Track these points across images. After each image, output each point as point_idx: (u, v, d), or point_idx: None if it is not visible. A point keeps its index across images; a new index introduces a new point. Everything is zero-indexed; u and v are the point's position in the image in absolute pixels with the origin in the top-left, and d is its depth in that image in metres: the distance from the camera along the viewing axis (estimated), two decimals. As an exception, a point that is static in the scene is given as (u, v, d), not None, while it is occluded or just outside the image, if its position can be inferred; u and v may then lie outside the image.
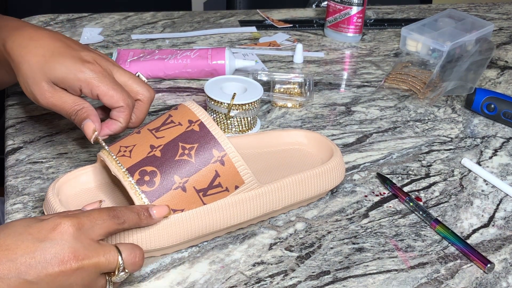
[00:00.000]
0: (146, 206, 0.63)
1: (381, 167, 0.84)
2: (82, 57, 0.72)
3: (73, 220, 0.56)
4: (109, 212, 0.59)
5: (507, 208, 0.78)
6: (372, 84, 1.04)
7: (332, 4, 1.16)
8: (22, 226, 0.56)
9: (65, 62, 0.71)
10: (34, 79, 0.71)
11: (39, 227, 0.56)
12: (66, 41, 0.74)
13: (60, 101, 0.72)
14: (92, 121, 0.71)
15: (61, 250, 0.55)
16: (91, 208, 0.63)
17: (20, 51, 0.72)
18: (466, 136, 0.92)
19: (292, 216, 0.75)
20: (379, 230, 0.73)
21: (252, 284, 0.65)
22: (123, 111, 0.72)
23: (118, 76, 0.74)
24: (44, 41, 0.72)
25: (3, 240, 0.55)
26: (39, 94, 0.72)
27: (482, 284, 0.67)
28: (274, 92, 0.97)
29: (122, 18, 1.21)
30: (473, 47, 1.08)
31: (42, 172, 0.78)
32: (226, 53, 0.99)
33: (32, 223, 0.56)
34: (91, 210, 0.59)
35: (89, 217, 0.58)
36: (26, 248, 0.54)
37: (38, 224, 0.56)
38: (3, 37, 0.74)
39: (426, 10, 1.36)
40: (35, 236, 0.55)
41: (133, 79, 0.74)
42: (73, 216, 0.57)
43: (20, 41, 0.73)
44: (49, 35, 0.74)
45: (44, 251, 0.54)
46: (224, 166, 0.67)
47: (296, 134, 0.81)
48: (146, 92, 0.74)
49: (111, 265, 0.57)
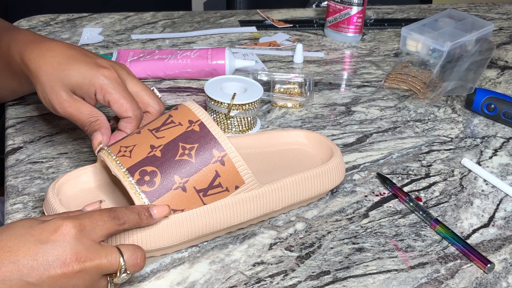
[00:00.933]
0: (146, 206, 0.64)
1: (381, 167, 0.84)
2: (98, 63, 0.73)
3: (74, 222, 0.56)
4: (110, 213, 0.59)
5: (507, 208, 0.78)
6: (372, 84, 1.04)
7: (332, 4, 1.16)
8: (23, 227, 0.56)
9: (81, 68, 0.72)
10: (52, 88, 0.72)
11: (41, 228, 0.56)
12: (81, 50, 0.75)
13: (77, 112, 0.73)
14: (101, 134, 0.72)
15: (63, 252, 0.55)
16: (91, 208, 0.63)
17: (37, 61, 0.73)
18: (466, 136, 0.92)
19: (292, 216, 0.75)
20: (379, 230, 0.73)
21: (252, 284, 0.65)
22: (131, 122, 0.72)
23: (131, 86, 0.74)
24: (60, 51, 0.74)
25: (4, 242, 0.55)
26: (57, 103, 0.72)
27: (482, 284, 0.67)
28: (274, 92, 0.97)
29: (122, 18, 1.21)
30: (473, 47, 1.08)
31: (42, 172, 0.78)
32: (226, 53, 0.99)
33: (34, 225, 0.56)
34: (92, 211, 0.59)
35: (91, 218, 0.58)
36: (28, 250, 0.54)
37: (39, 226, 0.56)
38: (20, 50, 0.75)
39: (426, 10, 1.36)
40: (37, 238, 0.55)
41: (145, 90, 0.75)
42: (74, 217, 0.57)
43: (37, 52, 0.74)
44: (65, 45, 0.75)
45: (46, 253, 0.54)
46: (224, 166, 0.67)
47: (296, 134, 0.81)
48: (156, 105, 0.75)
49: (113, 266, 0.57)
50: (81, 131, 0.86)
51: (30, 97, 0.92)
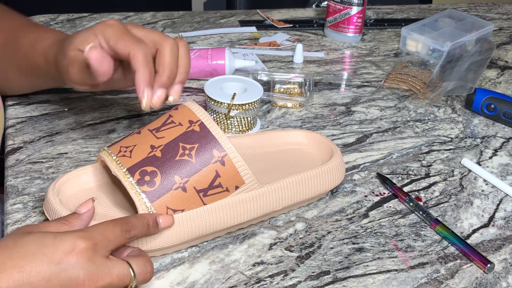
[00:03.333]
0: (154, 215, 0.63)
1: (381, 167, 0.84)
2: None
3: (88, 242, 0.55)
4: (122, 227, 0.59)
5: (507, 208, 0.78)
6: (372, 84, 1.04)
7: (332, 4, 1.16)
8: (35, 243, 0.55)
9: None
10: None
11: (54, 247, 0.55)
12: None
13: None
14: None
15: (76, 275, 0.54)
16: (85, 209, 0.62)
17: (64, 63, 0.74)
18: (466, 136, 0.92)
19: (292, 216, 0.75)
20: (379, 230, 0.73)
21: (252, 284, 0.65)
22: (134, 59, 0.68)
23: (136, 31, 0.71)
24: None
25: (16, 261, 0.54)
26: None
27: (482, 284, 0.67)
28: (274, 92, 0.97)
29: (122, 18, 1.21)
30: (473, 47, 1.08)
31: (42, 172, 0.78)
32: (226, 53, 0.99)
33: (47, 241, 0.55)
34: (105, 225, 0.58)
35: (104, 235, 0.57)
36: (40, 271, 0.54)
37: (52, 243, 0.55)
38: (46, 52, 0.77)
39: (426, 10, 1.36)
40: (50, 258, 0.54)
41: (152, 31, 0.72)
42: (88, 236, 0.56)
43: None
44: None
45: (59, 275, 0.54)
46: (225, 166, 0.67)
47: (296, 134, 0.81)
48: (162, 40, 0.70)
49: (124, 283, 0.57)
50: (81, 131, 0.86)
51: (30, 97, 0.92)
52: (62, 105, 0.91)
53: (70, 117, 0.89)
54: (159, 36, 0.71)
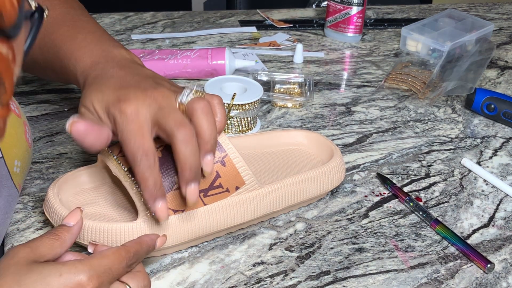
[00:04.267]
0: (154, 238, 0.61)
1: (381, 167, 0.84)
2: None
3: (94, 282, 0.54)
4: (128, 261, 0.58)
5: (507, 208, 0.78)
6: (372, 84, 1.04)
7: (332, 4, 1.16)
8: (39, 280, 0.53)
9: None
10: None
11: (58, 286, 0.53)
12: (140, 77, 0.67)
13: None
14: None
15: None
16: (73, 220, 0.59)
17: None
18: (466, 136, 0.92)
19: (292, 216, 0.75)
20: (379, 230, 0.73)
21: (252, 284, 0.65)
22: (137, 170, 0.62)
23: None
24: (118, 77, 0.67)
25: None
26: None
27: (482, 284, 0.67)
28: (274, 92, 0.97)
29: (122, 18, 1.21)
30: (473, 47, 1.08)
31: (42, 172, 0.78)
32: (226, 53, 0.99)
33: (51, 279, 0.53)
34: (111, 261, 0.57)
35: (110, 272, 0.56)
36: None
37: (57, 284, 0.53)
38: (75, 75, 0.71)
39: (426, 10, 1.36)
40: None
41: (173, 112, 0.63)
42: (95, 276, 0.55)
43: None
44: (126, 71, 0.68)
45: None
46: (225, 166, 0.67)
47: (296, 134, 0.81)
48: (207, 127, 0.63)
49: None
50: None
51: (30, 97, 0.92)
52: (62, 105, 0.91)
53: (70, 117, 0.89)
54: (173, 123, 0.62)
